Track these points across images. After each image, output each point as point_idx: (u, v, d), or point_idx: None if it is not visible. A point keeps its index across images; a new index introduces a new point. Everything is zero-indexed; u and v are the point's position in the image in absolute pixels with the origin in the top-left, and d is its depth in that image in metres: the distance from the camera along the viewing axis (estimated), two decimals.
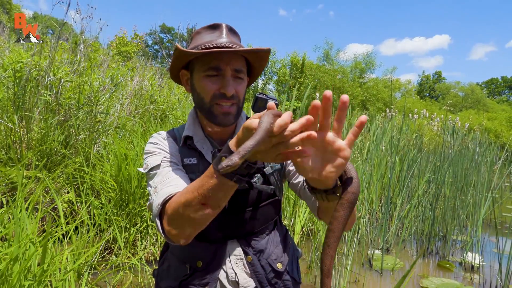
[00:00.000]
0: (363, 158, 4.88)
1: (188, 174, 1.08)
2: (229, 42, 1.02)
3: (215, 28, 1.06)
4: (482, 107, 40.03)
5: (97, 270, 2.38)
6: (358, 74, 26.04)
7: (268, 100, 1.16)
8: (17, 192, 2.53)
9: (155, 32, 35.99)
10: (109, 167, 2.97)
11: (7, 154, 2.78)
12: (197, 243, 1.12)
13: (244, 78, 1.06)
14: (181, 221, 0.85)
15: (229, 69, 1.00)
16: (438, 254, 3.81)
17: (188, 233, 0.87)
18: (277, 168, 1.15)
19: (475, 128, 7.91)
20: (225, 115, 1.02)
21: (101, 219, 2.60)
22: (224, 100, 1.01)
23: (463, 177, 4.66)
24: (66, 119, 3.19)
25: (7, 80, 3.02)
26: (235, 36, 1.09)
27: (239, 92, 1.04)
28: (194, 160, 1.10)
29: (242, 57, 1.04)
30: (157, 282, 1.18)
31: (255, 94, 1.19)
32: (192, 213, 0.81)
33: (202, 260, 1.09)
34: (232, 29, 1.09)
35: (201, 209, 0.80)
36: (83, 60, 3.72)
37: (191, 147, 1.12)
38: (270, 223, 1.17)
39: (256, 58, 1.08)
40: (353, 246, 3.09)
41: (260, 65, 1.13)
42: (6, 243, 1.44)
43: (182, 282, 1.09)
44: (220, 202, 0.80)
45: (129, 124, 4.11)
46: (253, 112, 1.19)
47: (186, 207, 0.81)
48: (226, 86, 0.99)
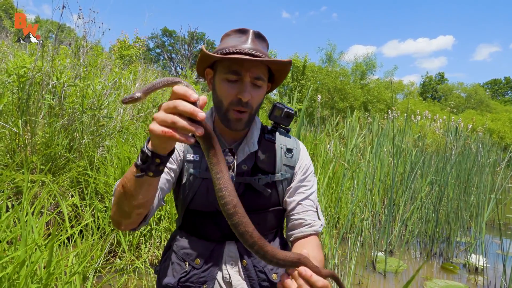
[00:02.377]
0: (366, 159, 4.88)
1: (190, 170, 1.12)
2: (253, 49, 1.04)
3: (243, 33, 1.09)
4: (485, 108, 39.88)
5: (102, 273, 2.39)
6: (360, 76, 26.01)
7: (285, 109, 1.20)
8: (22, 196, 2.55)
9: (157, 35, 36.13)
10: (113, 170, 2.99)
11: (12, 158, 2.80)
12: (197, 240, 1.15)
13: (263, 85, 1.09)
14: (114, 204, 0.93)
15: (248, 76, 1.03)
16: (442, 256, 3.80)
17: (117, 219, 0.94)
18: (286, 177, 1.17)
19: (478, 129, 7.88)
20: (237, 121, 1.06)
21: (105, 223, 2.61)
22: (241, 107, 1.04)
23: (466, 178, 4.65)
24: (70, 123, 3.21)
25: (11, 85, 3.05)
26: (261, 42, 1.11)
27: (254, 99, 1.07)
28: (197, 156, 1.14)
29: (263, 65, 1.06)
30: (159, 279, 1.20)
31: (274, 102, 1.22)
32: (116, 194, 0.89)
33: (200, 258, 1.12)
34: (259, 35, 1.11)
35: (120, 191, 0.87)
36: (86, 65, 3.74)
37: (195, 143, 1.14)
38: (271, 232, 1.19)
39: (277, 67, 1.10)
40: (356, 248, 3.10)
41: (280, 75, 1.15)
42: (13, 246, 1.45)
43: (181, 279, 1.12)
44: (132, 189, 0.83)
45: (132, 127, 4.13)
46: (269, 120, 1.22)
47: (116, 189, 0.90)
48: (243, 92, 1.02)
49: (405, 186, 4.39)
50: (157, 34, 35.75)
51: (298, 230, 1.14)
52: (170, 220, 2.92)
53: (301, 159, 1.20)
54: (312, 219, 1.14)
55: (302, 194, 1.17)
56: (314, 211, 1.16)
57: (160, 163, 0.74)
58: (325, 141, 5.61)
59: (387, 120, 6.81)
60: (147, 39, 13.59)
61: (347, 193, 4.28)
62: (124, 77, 5.18)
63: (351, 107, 20.00)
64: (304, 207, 1.16)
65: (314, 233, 1.14)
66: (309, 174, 1.20)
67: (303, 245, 1.12)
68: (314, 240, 1.13)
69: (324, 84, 22.77)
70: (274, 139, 1.19)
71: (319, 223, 1.15)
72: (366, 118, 8.64)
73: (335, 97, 22.60)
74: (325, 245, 3.30)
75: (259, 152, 1.15)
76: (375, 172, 4.60)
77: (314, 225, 1.14)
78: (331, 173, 4.02)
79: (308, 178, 1.20)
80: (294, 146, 1.21)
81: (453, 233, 4.08)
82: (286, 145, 1.19)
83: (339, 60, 26.20)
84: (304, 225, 1.14)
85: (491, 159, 6.26)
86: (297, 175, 1.18)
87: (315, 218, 1.15)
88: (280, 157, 1.17)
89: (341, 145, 5.92)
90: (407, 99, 30.77)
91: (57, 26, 3.78)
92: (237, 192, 1.11)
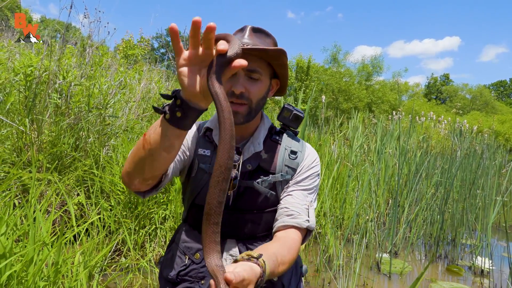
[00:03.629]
0: (370, 160, 4.87)
1: (200, 164, 1.13)
2: (248, 43, 1.04)
3: (242, 30, 1.11)
4: (490, 110, 39.66)
5: (107, 271, 2.40)
6: (365, 77, 25.92)
7: (293, 111, 1.19)
8: (28, 194, 2.56)
9: (161, 35, 36.20)
10: (118, 169, 3.00)
11: (19, 156, 2.82)
12: (198, 235, 1.16)
13: (261, 79, 1.07)
14: (130, 157, 0.94)
15: (241, 69, 1.02)
16: (447, 258, 3.78)
17: (131, 172, 0.94)
18: (286, 178, 1.16)
19: (485, 131, 7.84)
20: (235, 114, 1.04)
21: (110, 221, 2.62)
22: (234, 98, 1.03)
23: (471, 180, 4.62)
24: (76, 122, 3.23)
25: (18, 84, 3.07)
26: (261, 37, 1.11)
27: (250, 91, 1.05)
28: (208, 152, 1.15)
29: (257, 58, 1.05)
30: (161, 270, 1.22)
31: (284, 104, 1.22)
32: (136, 146, 0.91)
33: (200, 253, 1.13)
34: (258, 30, 1.11)
35: (140, 143, 0.88)
36: (91, 64, 3.76)
37: (209, 139, 1.16)
38: (269, 232, 1.18)
39: (272, 59, 1.08)
40: (361, 250, 3.09)
41: (280, 69, 1.13)
42: (20, 244, 1.46)
43: (180, 273, 1.13)
44: (154, 136, 0.84)
45: (137, 127, 4.14)
46: (278, 120, 1.22)
47: (137, 143, 0.92)
48: (235, 84, 1.03)
49: (409, 187, 4.37)
50: (161, 34, 35.84)
51: (280, 220, 1.09)
52: (175, 219, 2.93)
53: (304, 161, 1.18)
54: (298, 211, 1.08)
55: (297, 186, 1.14)
56: (304, 207, 1.10)
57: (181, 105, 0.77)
58: (330, 142, 5.60)
59: (391, 121, 6.79)
60: (152, 39, 13.62)
61: (352, 194, 4.27)
62: (130, 77, 5.20)
63: (355, 108, 19.95)
64: (294, 198, 1.11)
65: (296, 225, 1.06)
66: (310, 175, 1.17)
67: (278, 238, 1.05)
68: (291, 234, 1.05)
69: (328, 85, 22.74)
70: (280, 140, 1.19)
71: (304, 218, 1.07)
72: (370, 119, 8.61)
73: (339, 98, 22.58)
74: (330, 246, 3.29)
75: (263, 152, 1.15)
76: (379, 173, 4.58)
77: (298, 217, 1.07)
78: (336, 174, 4.01)
79: (308, 177, 1.16)
80: (300, 149, 1.19)
81: (458, 235, 4.05)
82: (291, 147, 1.18)
83: (344, 61, 26.13)
84: (287, 215, 1.08)
85: (496, 161, 6.22)
86: (297, 174, 1.17)
87: (302, 213, 1.09)
88: (283, 158, 1.16)
89: (345, 146, 5.91)
90: (412, 100, 30.64)
91: (64, 25, 3.81)
92: (238, 191, 1.12)
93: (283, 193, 1.15)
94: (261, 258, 0.79)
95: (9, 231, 1.40)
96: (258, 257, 0.78)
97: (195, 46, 0.73)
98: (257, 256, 0.78)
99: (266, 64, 1.08)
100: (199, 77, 0.74)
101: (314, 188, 1.18)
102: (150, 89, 5.22)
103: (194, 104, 0.77)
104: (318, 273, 3.05)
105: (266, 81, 1.10)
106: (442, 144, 7.30)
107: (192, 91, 0.75)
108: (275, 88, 1.18)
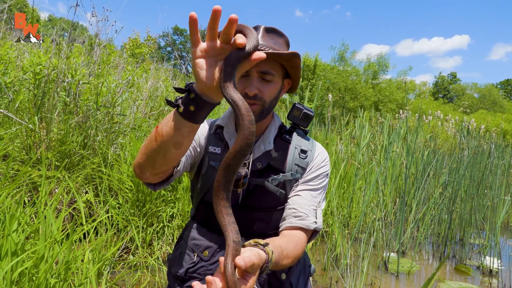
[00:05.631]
0: (377, 159, 4.84)
1: (210, 161, 1.13)
2: (263, 44, 1.04)
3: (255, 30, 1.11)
4: (498, 109, 39.23)
5: (115, 269, 2.42)
6: (371, 76, 25.77)
7: (303, 110, 1.19)
8: (37, 192, 2.59)
9: (168, 34, 36.32)
10: (126, 167, 3.02)
11: (28, 154, 2.85)
12: (207, 232, 1.16)
13: (274, 80, 1.08)
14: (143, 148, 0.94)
15: (255, 71, 1.03)
16: (455, 258, 3.75)
17: (143, 164, 0.94)
18: (296, 177, 1.15)
19: (493, 130, 7.76)
20: None
21: (118, 219, 2.64)
22: (247, 100, 1.04)
23: (479, 179, 4.58)
24: (85, 120, 3.25)
25: (27, 82, 3.10)
26: (274, 38, 1.10)
27: (264, 93, 1.06)
28: (219, 149, 1.15)
29: (270, 60, 1.05)
30: (169, 268, 1.23)
31: (294, 103, 1.22)
32: (148, 138, 0.91)
33: (208, 250, 1.13)
34: (272, 30, 1.11)
35: (153, 133, 0.88)
36: (99, 62, 3.78)
37: (219, 137, 1.16)
38: (278, 231, 1.18)
39: (285, 62, 1.09)
40: (368, 249, 3.07)
41: (293, 70, 1.13)
42: (31, 241, 1.48)
43: (189, 270, 1.13)
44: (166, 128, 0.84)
45: (144, 125, 4.16)
46: (287, 119, 1.22)
47: (150, 134, 0.91)
48: (249, 86, 1.04)
49: (417, 186, 4.34)
50: (168, 32, 35.96)
51: (287, 220, 1.09)
52: (182, 217, 2.94)
53: (314, 161, 1.18)
54: (306, 213, 1.08)
55: (306, 186, 1.14)
56: (312, 208, 1.11)
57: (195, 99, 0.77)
58: (337, 141, 5.58)
59: (398, 120, 6.74)
60: (158, 38, 13.66)
61: (359, 193, 4.25)
62: (137, 75, 5.21)
63: (361, 107, 19.86)
64: (302, 199, 1.11)
65: (303, 227, 1.07)
66: (320, 174, 1.17)
67: (284, 235, 1.06)
68: (297, 234, 1.06)
69: (335, 83, 22.66)
70: (290, 139, 1.19)
71: (311, 220, 1.08)
72: (377, 118, 8.57)
73: (345, 97, 22.48)
74: (337, 245, 3.28)
75: (273, 150, 1.15)
76: (386, 172, 4.56)
77: (305, 219, 1.08)
78: (343, 173, 3.99)
79: (317, 177, 1.16)
80: (310, 148, 1.19)
81: (466, 235, 4.02)
82: (301, 146, 1.18)
83: (351, 60, 26.01)
84: (294, 216, 1.09)
85: (504, 160, 6.15)
86: (307, 173, 1.17)
87: (310, 214, 1.09)
88: (293, 156, 1.16)
89: (351, 145, 5.88)
90: (419, 99, 30.42)
91: (71, 24, 3.83)
92: (248, 189, 1.12)
93: (292, 192, 1.15)
94: (267, 247, 0.79)
95: (20, 229, 1.42)
96: (264, 244, 0.79)
97: (213, 38, 0.72)
98: (264, 244, 0.79)
99: (279, 65, 1.09)
100: (215, 70, 0.74)
101: (322, 188, 1.18)
102: (157, 87, 5.24)
103: (207, 97, 0.77)
104: (326, 272, 3.04)
105: (279, 82, 1.10)
106: (450, 143, 7.24)
107: (207, 84, 0.74)
108: (286, 87, 1.19)
